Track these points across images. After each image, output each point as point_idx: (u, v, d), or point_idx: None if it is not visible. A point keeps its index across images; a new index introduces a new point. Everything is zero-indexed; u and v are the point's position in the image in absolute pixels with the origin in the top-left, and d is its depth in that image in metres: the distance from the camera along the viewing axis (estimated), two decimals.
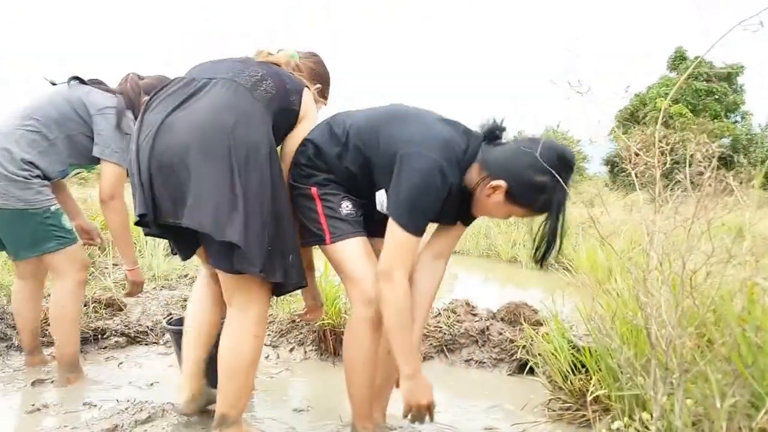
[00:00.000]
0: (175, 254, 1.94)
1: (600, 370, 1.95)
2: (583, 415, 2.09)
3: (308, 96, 1.87)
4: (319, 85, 2.04)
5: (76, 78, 2.50)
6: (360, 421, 1.83)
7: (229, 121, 1.60)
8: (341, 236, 1.78)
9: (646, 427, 1.28)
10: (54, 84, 2.54)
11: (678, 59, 27.20)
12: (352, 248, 1.78)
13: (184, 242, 1.83)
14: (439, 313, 3.12)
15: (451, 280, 5.49)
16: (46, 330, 2.84)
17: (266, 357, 2.93)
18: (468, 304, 3.24)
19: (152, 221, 1.66)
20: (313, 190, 1.80)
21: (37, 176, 2.35)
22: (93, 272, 4.15)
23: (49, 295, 2.68)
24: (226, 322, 1.76)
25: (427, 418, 1.72)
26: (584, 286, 2.84)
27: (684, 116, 23.55)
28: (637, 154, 1.33)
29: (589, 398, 1.71)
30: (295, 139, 1.86)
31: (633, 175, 1.36)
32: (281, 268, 1.66)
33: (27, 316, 2.61)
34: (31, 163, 2.33)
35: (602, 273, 4.44)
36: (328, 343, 2.88)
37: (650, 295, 1.27)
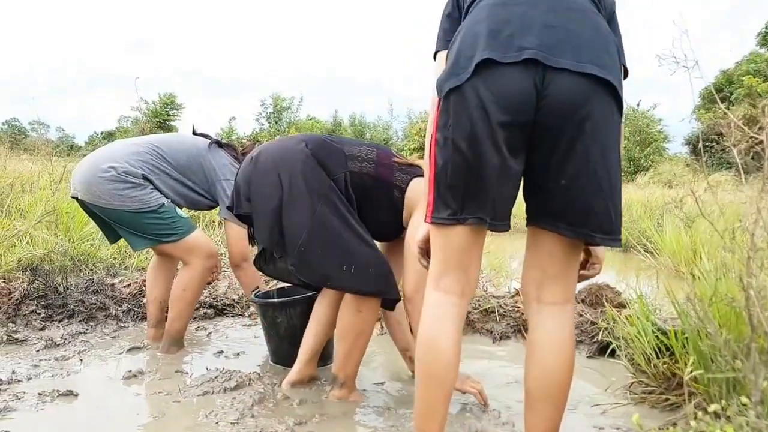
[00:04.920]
0: None
1: (687, 353, 1.89)
2: (666, 399, 2.04)
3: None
4: None
5: (217, 142, 2.69)
6: None
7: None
8: None
9: (740, 413, 1.23)
10: (194, 133, 2.76)
11: None
12: None
13: None
14: (517, 293, 3.10)
15: None
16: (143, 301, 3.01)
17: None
18: None
19: None
20: None
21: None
22: None
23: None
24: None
25: None
26: (667, 268, 2.77)
27: None
28: (739, 129, 1.27)
29: (686, 379, 1.61)
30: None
31: (734, 151, 1.30)
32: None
33: (156, 287, 2.75)
34: (149, 180, 2.49)
35: (687, 255, 4.27)
36: None
37: (754, 276, 1.22)
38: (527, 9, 1.26)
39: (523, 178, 1.36)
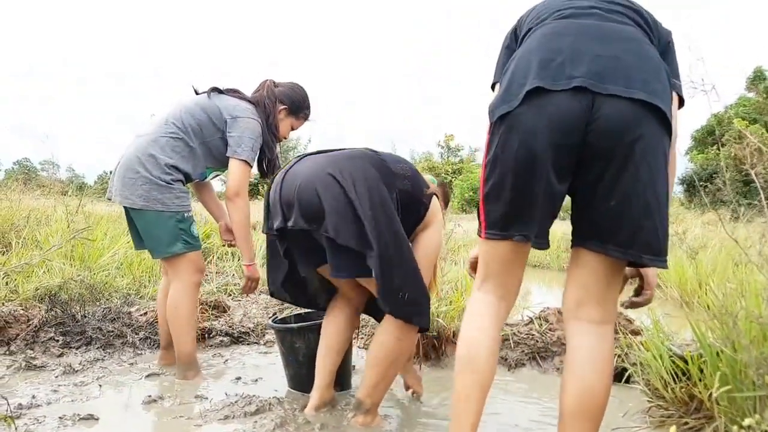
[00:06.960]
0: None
1: (704, 377, 1.92)
2: (686, 423, 2.05)
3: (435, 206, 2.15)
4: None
5: (216, 89, 2.68)
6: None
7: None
8: None
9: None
10: (197, 93, 2.72)
11: (756, 79, 26.04)
12: None
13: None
14: (531, 321, 3.13)
15: (543, 289, 5.47)
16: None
17: (362, 358, 3.03)
18: (560, 312, 3.18)
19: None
20: None
21: (179, 180, 2.55)
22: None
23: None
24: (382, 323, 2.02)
25: None
26: (674, 299, 2.82)
27: (761, 136, 22.43)
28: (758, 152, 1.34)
29: (715, 395, 1.60)
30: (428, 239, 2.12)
31: (752, 173, 1.37)
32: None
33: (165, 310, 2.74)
34: (174, 167, 2.53)
35: (692, 287, 4.34)
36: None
37: None
38: (577, 38, 1.31)
39: (572, 203, 1.41)
